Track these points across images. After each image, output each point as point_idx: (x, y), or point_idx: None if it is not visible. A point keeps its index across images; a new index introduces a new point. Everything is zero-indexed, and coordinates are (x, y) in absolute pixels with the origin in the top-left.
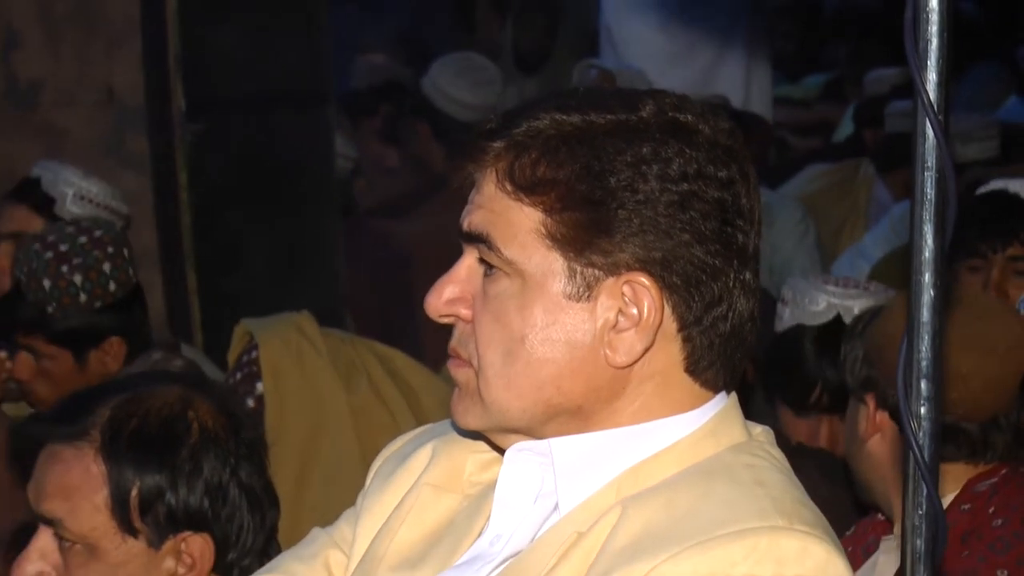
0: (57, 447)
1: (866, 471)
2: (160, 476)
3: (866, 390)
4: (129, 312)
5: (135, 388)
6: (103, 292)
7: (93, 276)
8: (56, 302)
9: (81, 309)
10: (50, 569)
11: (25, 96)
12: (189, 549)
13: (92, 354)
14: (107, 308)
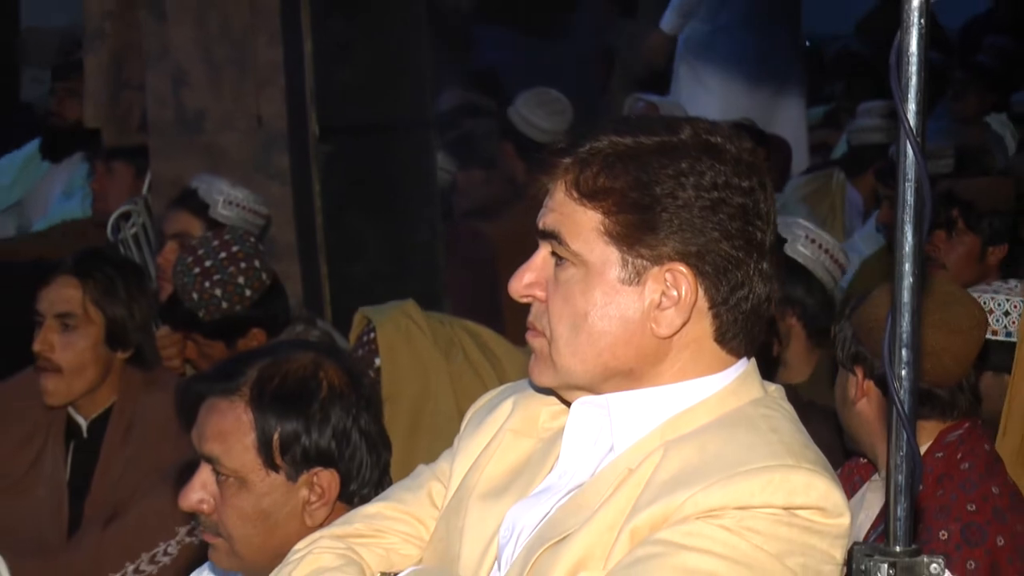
0: (215, 400)
1: (855, 427)
2: (297, 423)
3: (855, 363)
4: (266, 307)
5: (277, 353)
6: (240, 298)
7: (230, 288)
8: (204, 309)
9: (224, 313)
10: (209, 497)
11: (192, 123)
12: (320, 481)
13: (240, 342)
14: (246, 308)
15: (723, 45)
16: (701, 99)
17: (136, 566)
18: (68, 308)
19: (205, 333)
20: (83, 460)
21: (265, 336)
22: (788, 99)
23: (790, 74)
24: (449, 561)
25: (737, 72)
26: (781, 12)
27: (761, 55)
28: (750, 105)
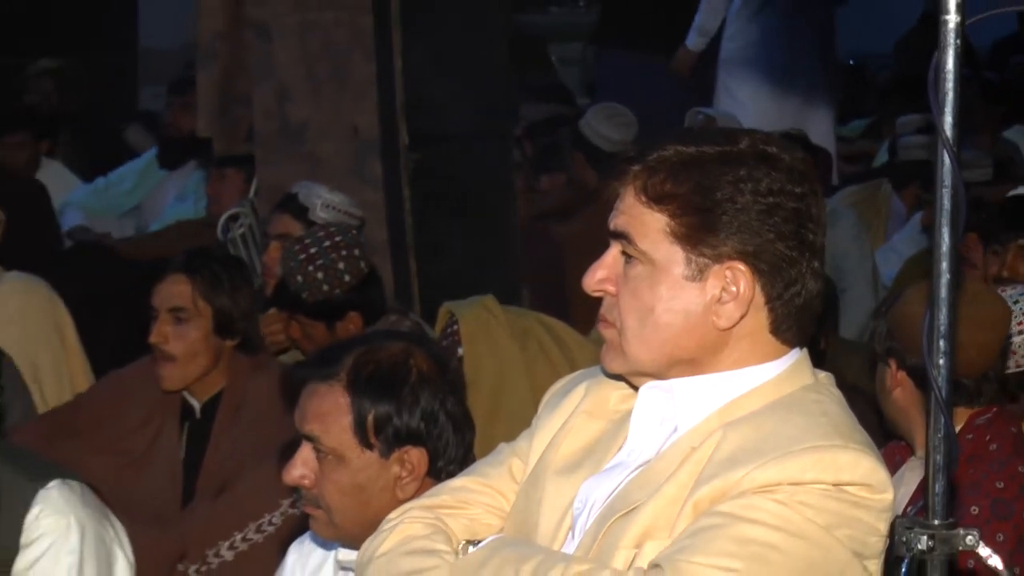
0: (315, 384)
1: (893, 413)
2: (389, 405)
3: (889, 355)
4: (362, 293)
5: (371, 342)
6: (339, 282)
7: (331, 272)
8: (307, 291)
9: (325, 295)
10: (310, 472)
11: (294, 134)
12: (410, 458)
13: (338, 324)
14: (345, 292)
15: (750, 60)
16: (732, 111)
17: (243, 535)
18: (179, 303)
19: (308, 314)
20: (196, 439)
21: (361, 320)
22: (817, 111)
23: (819, 87)
24: (528, 530)
25: (765, 84)
26: (810, 27)
27: (789, 68)
28: (778, 116)
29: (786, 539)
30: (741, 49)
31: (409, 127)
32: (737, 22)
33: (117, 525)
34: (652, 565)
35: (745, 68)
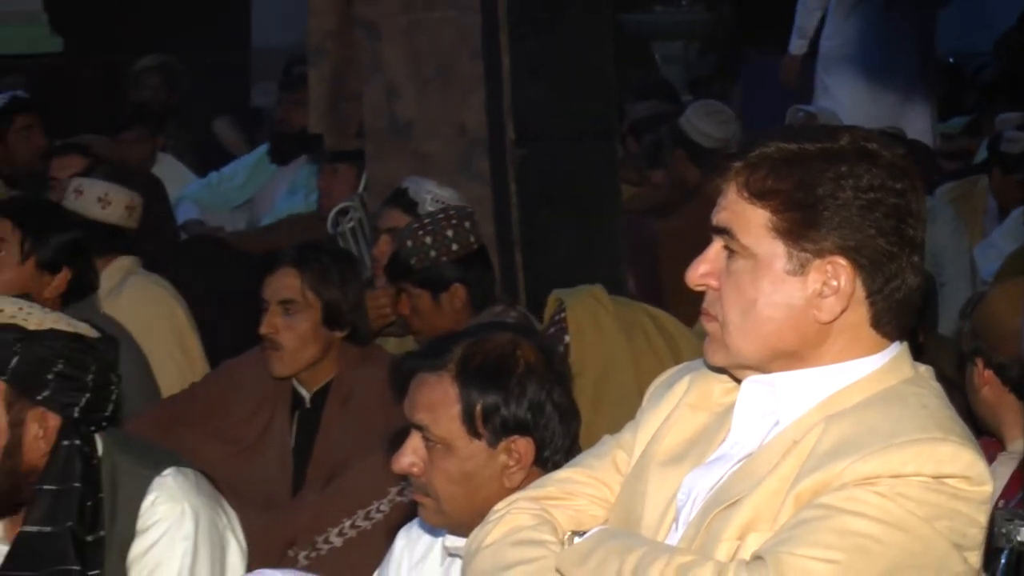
0: (424, 375)
1: (982, 410)
2: (497, 396)
3: (976, 354)
4: (470, 268)
5: (479, 334)
6: (447, 250)
7: (439, 238)
8: (415, 256)
9: (432, 262)
10: (419, 461)
11: (402, 131)
12: (517, 448)
13: (443, 296)
14: (452, 263)
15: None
16: (830, 109)
17: (352, 522)
18: (289, 295)
19: (414, 281)
20: (306, 428)
21: (466, 295)
22: (915, 108)
23: (917, 84)
24: (632, 522)
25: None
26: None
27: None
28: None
29: (887, 531)
30: (838, 47)
31: (515, 124)
32: (834, 20)
33: (230, 512)
34: (754, 557)
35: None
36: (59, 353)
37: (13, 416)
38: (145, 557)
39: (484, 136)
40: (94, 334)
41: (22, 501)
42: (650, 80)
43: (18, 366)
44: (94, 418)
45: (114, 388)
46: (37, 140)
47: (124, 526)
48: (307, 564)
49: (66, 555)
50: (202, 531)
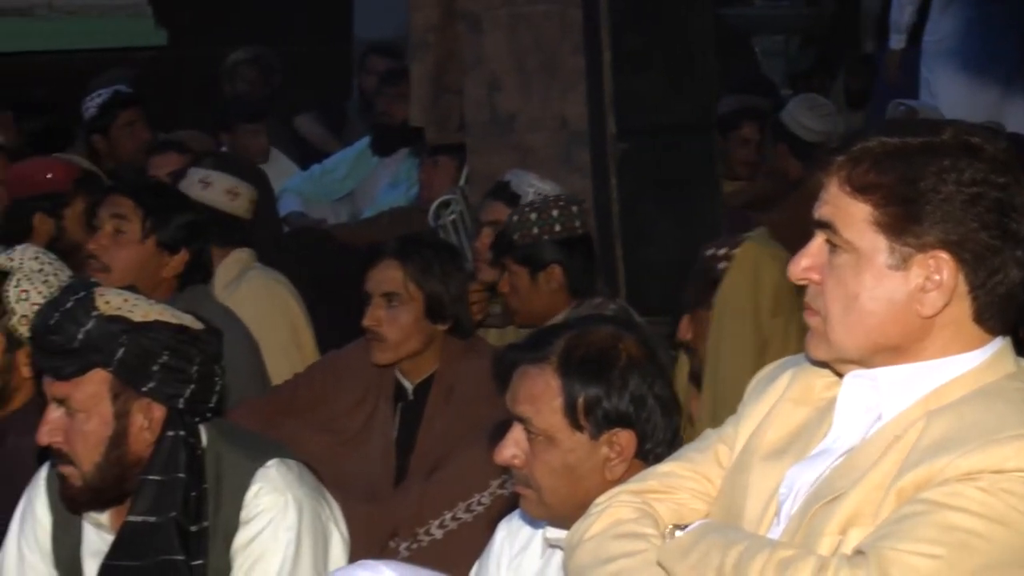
0: (527, 367)
1: None
2: (598, 388)
3: None
4: (570, 252)
5: (582, 326)
6: (550, 229)
7: (544, 215)
8: (518, 232)
9: (534, 239)
10: (521, 453)
11: (504, 124)
12: (619, 440)
13: (540, 275)
14: (553, 243)
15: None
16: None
17: (453, 514)
18: (392, 287)
19: (515, 258)
20: (409, 419)
21: (563, 276)
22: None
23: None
24: (734, 515)
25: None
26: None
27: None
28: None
29: (989, 526)
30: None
31: (616, 118)
32: (933, 15)
33: (332, 503)
34: (856, 551)
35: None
36: (164, 344)
37: (119, 407)
38: (249, 548)
39: (585, 129)
40: (199, 326)
41: (127, 491)
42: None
43: (124, 357)
44: (199, 409)
45: (218, 379)
46: (141, 135)
47: (228, 517)
48: (408, 556)
49: (170, 545)
50: (305, 522)
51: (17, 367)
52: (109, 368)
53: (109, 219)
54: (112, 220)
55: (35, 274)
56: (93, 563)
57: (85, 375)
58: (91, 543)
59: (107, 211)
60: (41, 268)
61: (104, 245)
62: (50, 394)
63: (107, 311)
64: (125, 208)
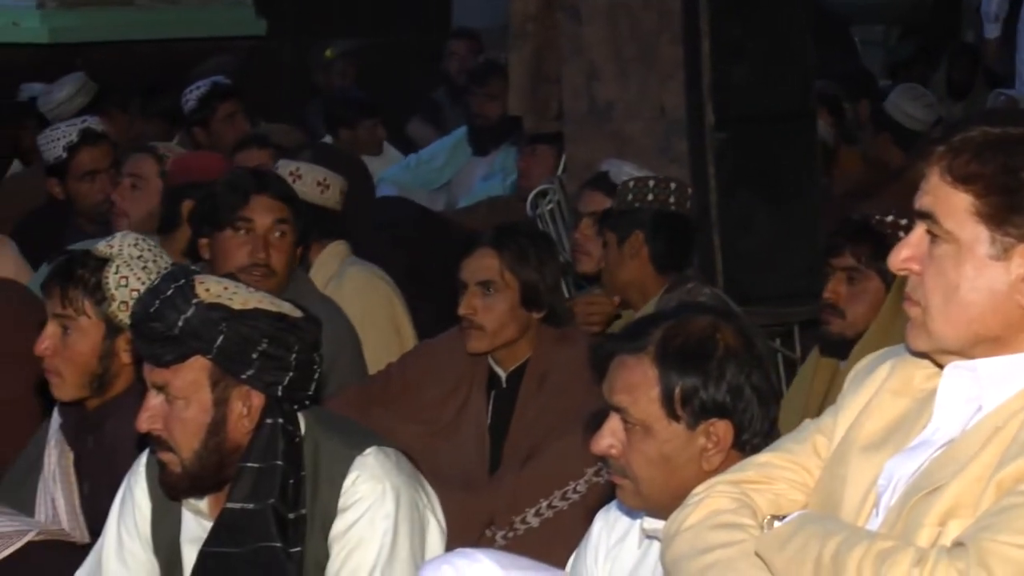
0: (624, 356)
1: None
2: (696, 378)
3: None
4: (657, 227)
5: (680, 316)
6: (642, 199)
7: (640, 186)
8: (617, 201)
9: (626, 205)
10: (617, 442)
11: (602, 113)
12: (716, 431)
13: (626, 243)
14: (642, 212)
15: None
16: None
17: (549, 502)
18: (487, 276)
19: (608, 224)
20: (502, 407)
21: (646, 249)
22: None
23: None
24: (832, 507)
25: None
26: None
27: None
28: None
29: None
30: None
31: (714, 108)
32: None
33: (430, 491)
34: (955, 543)
35: None
36: (263, 332)
37: (218, 394)
38: (346, 535)
39: (683, 118)
40: (298, 314)
41: (226, 478)
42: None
43: (223, 345)
44: (297, 397)
45: (317, 367)
46: (241, 126)
47: (326, 504)
48: (504, 544)
49: (268, 532)
50: (403, 510)
51: (117, 353)
52: (209, 355)
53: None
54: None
55: (134, 260)
56: (192, 549)
57: (185, 362)
58: (190, 530)
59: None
60: (140, 255)
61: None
62: (150, 381)
63: (207, 298)
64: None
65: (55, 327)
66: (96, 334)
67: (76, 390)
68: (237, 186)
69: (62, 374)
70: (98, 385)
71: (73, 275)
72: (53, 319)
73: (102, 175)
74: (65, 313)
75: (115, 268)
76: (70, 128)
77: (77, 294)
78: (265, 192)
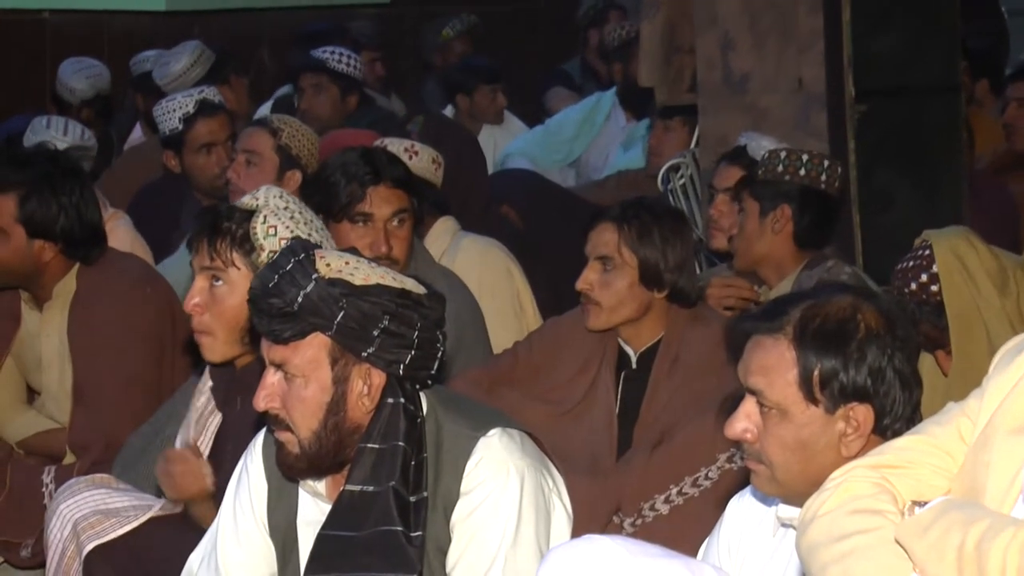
0: (760, 337)
1: None
2: (835, 360)
3: None
4: (805, 203)
5: (818, 296)
6: (793, 172)
7: (792, 159)
8: (763, 168)
9: (775, 175)
10: (752, 427)
11: (737, 85)
12: (855, 415)
13: (769, 215)
14: (791, 186)
15: None
16: None
17: (679, 488)
18: (606, 251)
19: (751, 192)
20: (632, 389)
21: (791, 221)
22: None
23: None
24: (975, 493)
25: None
26: None
27: None
28: None
29: None
30: None
31: (855, 80)
32: None
33: (556, 475)
34: None
35: None
36: (385, 309)
37: (338, 372)
38: (469, 520)
39: (822, 91)
40: (421, 290)
41: (345, 459)
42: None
43: (344, 321)
44: (419, 376)
45: (440, 346)
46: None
47: (448, 487)
48: (633, 532)
49: (388, 515)
50: (527, 494)
51: None
52: (328, 332)
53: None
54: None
55: (281, 211)
56: (309, 532)
57: (304, 339)
58: (307, 512)
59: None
60: (287, 206)
61: None
62: (268, 358)
63: (327, 274)
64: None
65: (204, 281)
66: (245, 285)
67: (227, 347)
68: (352, 176)
69: (213, 331)
70: (249, 340)
71: (219, 227)
72: (201, 273)
73: (219, 148)
74: (214, 266)
75: (263, 218)
76: (186, 99)
77: (225, 246)
78: (382, 183)
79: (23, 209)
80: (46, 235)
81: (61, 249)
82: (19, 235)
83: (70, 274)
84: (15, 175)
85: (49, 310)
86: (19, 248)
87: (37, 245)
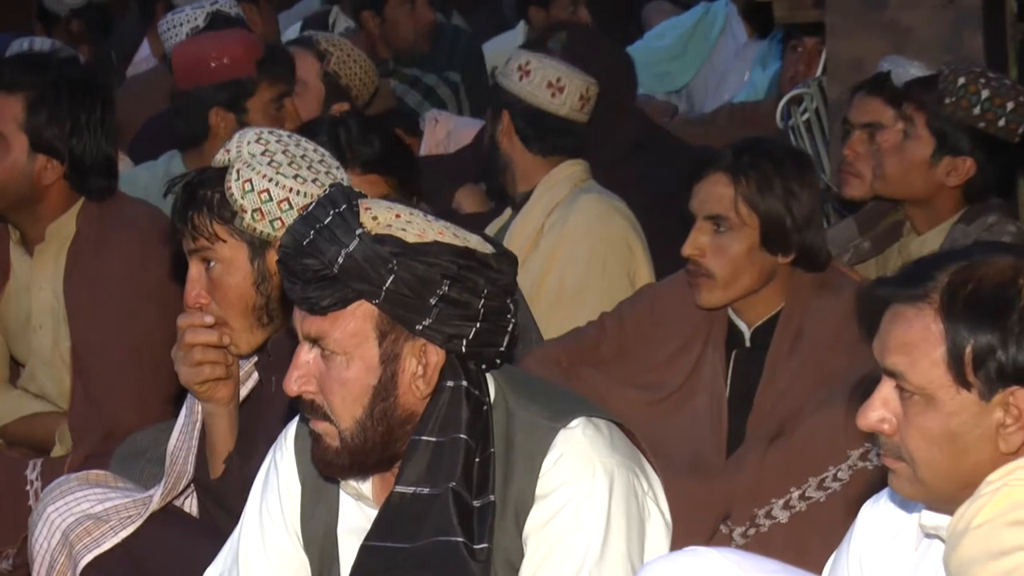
0: (900, 307)
1: None
2: (992, 336)
3: None
4: (991, 153)
5: (972, 256)
6: (992, 119)
7: (995, 103)
8: (952, 98)
9: (964, 115)
10: (891, 416)
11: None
12: (1016, 402)
13: (945, 160)
14: (984, 136)
15: None
16: None
17: (802, 491)
18: (719, 210)
19: (928, 122)
20: (745, 371)
21: (971, 176)
22: None
23: None
24: None
25: None
26: None
27: None
28: None
29: None
30: None
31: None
32: None
33: (651, 475)
34: None
35: None
36: (444, 272)
37: (386, 349)
38: (546, 528)
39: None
40: (488, 249)
41: (395, 454)
42: None
43: (394, 287)
44: (485, 354)
45: (511, 317)
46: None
47: (520, 490)
48: (744, 544)
49: (447, 523)
50: (617, 498)
51: (274, 272)
52: (375, 300)
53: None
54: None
55: (256, 158)
56: (351, 542)
57: (345, 308)
58: (349, 518)
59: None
60: (264, 149)
61: None
62: (302, 332)
63: (375, 229)
64: None
65: (197, 267)
66: (241, 258)
67: (249, 336)
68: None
69: (227, 322)
70: (267, 318)
71: (195, 197)
72: (192, 258)
73: None
74: (199, 246)
75: (236, 173)
76: (196, 11)
77: (203, 219)
78: (348, 170)
79: (30, 115)
80: (52, 151)
81: (66, 174)
82: (20, 145)
83: (70, 212)
84: (28, 75)
85: (42, 254)
86: (17, 161)
87: (40, 162)
